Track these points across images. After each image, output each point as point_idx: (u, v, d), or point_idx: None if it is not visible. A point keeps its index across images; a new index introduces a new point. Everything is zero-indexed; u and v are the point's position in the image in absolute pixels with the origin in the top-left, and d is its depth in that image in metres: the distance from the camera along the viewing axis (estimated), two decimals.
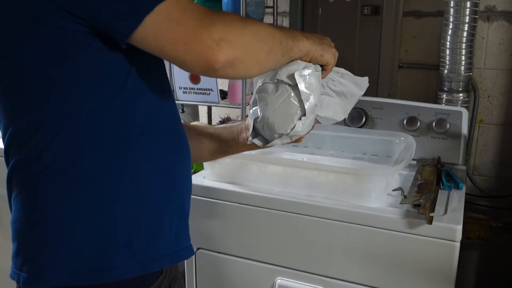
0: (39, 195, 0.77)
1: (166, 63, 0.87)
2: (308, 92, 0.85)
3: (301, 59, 0.86)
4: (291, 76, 0.85)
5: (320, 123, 0.96)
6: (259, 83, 0.91)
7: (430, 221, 1.00)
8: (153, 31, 0.69)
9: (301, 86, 0.85)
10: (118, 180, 0.77)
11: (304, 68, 0.85)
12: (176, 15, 0.69)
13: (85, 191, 0.76)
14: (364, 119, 1.52)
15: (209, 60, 0.71)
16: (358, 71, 1.76)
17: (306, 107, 0.86)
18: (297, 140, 0.93)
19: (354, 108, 1.56)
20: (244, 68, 0.76)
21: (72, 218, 0.77)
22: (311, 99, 0.86)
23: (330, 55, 0.90)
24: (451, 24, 1.50)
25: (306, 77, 0.85)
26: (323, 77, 0.91)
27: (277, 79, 0.87)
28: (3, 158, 0.82)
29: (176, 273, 0.90)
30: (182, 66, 0.73)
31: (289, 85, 0.86)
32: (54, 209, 0.77)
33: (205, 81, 1.74)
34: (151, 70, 0.81)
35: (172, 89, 1.82)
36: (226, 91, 1.80)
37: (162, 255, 0.84)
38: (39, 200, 0.77)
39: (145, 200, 0.80)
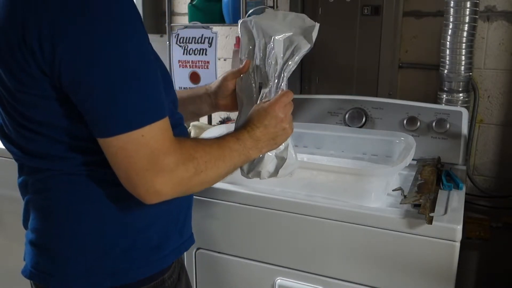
0: (57, 205, 0.82)
1: (166, 65, 0.88)
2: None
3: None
4: None
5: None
6: None
7: (430, 221, 1.00)
8: (111, 150, 0.71)
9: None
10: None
11: None
12: (130, 149, 0.70)
13: (107, 204, 0.81)
14: (364, 119, 1.52)
15: (139, 194, 0.73)
16: (358, 71, 1.78)
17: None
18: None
19: (354, 108, 1.57)
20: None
21: (92, 228, 0.81)
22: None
23: (283, 137, 0.93)
24: (451, 24, 1.50)
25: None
26: None
27: None
28: (3, 158, 0.83)
29: (181, 261, 0.96)
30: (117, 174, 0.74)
31: None
32: (74, 218, 0.81)
33: (205, 81, 1.74)
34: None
35: None
36: None
37: (170, 251, 0.89)
38: (57, 209, 0.82)
39: (161, 208, 0.82)
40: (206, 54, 1.72)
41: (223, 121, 1.92)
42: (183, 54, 1.76)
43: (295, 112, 1.59)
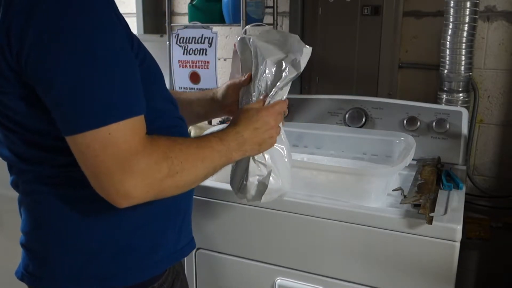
0: (48, 208, 0.80)
1: (166, 65, 0.87)
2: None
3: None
4: None
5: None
6: None
7: (430, 221, 1.00)
8: (78, 149, 0.68)
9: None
10: None
11: None
12: (97, 147, 0.67)
13: (92, 205, 0.77)
14: (364, 119, 1.52)
15: (111, 200, 0.70)
16: (358, 71, 1.78)
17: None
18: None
19: (354, 108, 1.57)
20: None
21: (79, 230, 0.80)
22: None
23: (268, 145, 0.89)
24: (451, 24, 1.50)
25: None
26: None
27: None
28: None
29: (179, 269, 0.93)
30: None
31: None
32: (61, 221, 0.79)
33: (205, 81, 1.74)
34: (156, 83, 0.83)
35: (172, 88, 1.82)
36: None
37: (163, 257, 0.86)
38: (48, 212, 0.80)
39: (153, 210, 0.81)
40: (206, 54, 1.72)
41: (223, 122, 1.92)
42: (183, 54, 1.76)
43: (296, 112, 1.59)
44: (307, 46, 0.88)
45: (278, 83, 0.88)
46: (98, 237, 0.80)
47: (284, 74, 0.87)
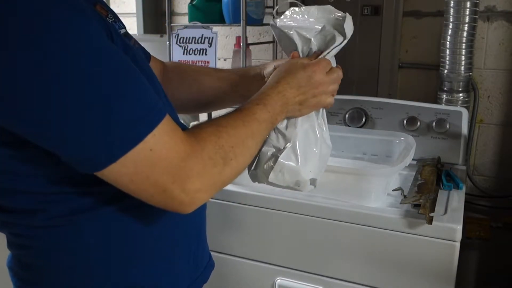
0: (39, 246, 0.69)
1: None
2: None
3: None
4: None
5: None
6: None
7: (430, 221, 1.00)
8: (110, 179, 0.59)
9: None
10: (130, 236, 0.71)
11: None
12: (144, 169, 0.58)
13: (90, 246, 0.69)
14: (364, 119, 1.52)
15: (177, 211, 0.64)
16: (358, 71, 1.78)
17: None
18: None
19: (354, 108, 1.57)
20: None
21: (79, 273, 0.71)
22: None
23: (310, 106, 0.79)
24: (451, 24, 1.50)
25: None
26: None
27: None
28: None
29: None
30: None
31: None
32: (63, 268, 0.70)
33: None
34: None
35: None
36: None
37: None
38: (39, 252, 0.70)
39: (160, 258, 0.74)
40: (206, 54, 1.72)
41: None
42: (183, 54, 1.76)
43: None
44: (345, 13, 0.82)
45: (328, 50, 0.80)
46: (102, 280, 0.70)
47: (331, 42, 0.80)
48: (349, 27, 0.81)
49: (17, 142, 0.58)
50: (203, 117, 2.07)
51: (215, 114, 2.10)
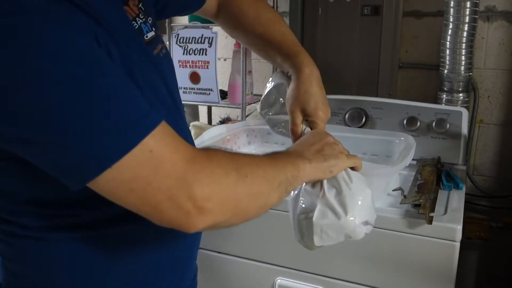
0: (30, 258, 0.67)
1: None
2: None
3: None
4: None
5: None
6: None
7: (430, 221, 1.00)
8: (107, 190, 0.54)
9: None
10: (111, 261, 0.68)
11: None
12: (146, 172, 0.52)
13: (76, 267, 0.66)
14: (364, 119, 1.52)
15: (182, 226, 0.56)
16: (358, 71, 1.78)
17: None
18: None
19: (354, 108, 1.57)
20: (227, 225, 0.64)
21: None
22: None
23: (339, 165, 0.75)
24: (451, 24, 1.50)
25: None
26: None
27: None
28: None
29: None
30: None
31: None
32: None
33: (205, 81, 1.74)
34: None
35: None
36: (226, 91, 1.80)
37: None
38: (29, 264, 0.67)
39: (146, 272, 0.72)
40: (206, 54, 1.72)
41: (223, 121, 1.92)
42: (183, 54, 1.76)
43: None
44: None
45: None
46: None
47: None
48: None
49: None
50: (203, 117, 2.07)
51: (215, 114, 2.09)
